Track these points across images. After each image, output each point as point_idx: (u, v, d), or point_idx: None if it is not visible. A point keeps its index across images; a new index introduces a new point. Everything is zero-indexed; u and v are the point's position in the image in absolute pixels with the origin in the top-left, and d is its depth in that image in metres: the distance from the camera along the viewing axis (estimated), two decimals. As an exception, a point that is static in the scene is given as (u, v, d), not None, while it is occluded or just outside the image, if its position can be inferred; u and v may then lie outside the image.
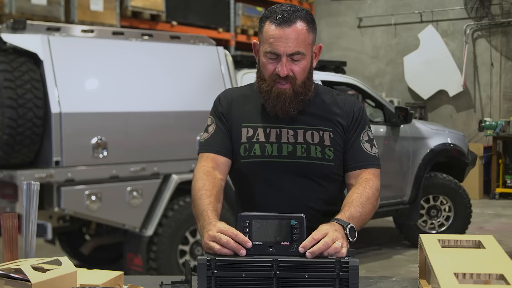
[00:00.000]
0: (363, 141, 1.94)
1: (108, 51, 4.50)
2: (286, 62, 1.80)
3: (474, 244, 1.58)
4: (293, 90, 1.84)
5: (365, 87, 5.98)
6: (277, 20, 1.80)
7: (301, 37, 1.80)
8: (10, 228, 1.58)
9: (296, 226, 1.57)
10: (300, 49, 1.80)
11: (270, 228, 1.58)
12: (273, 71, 1.83)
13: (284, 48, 1.79)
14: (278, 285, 1.53)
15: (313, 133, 1.90)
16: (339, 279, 1.52)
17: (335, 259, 1.53)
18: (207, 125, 1.98)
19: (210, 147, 1.93)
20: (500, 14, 10.20)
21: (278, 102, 1.84)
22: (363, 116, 1.97)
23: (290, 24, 1.79)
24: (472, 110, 10.45)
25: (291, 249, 1.56)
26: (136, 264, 4.61)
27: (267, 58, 1.83)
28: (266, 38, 1.82)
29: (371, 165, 1.93)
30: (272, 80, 1.84)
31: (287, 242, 1.57)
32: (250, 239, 1.56)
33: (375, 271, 5.49)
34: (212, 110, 2.00)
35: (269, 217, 1.60)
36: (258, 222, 1.59)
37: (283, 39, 1.79)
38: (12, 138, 3.98)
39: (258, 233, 1.58)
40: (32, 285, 1.32)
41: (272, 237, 1.57)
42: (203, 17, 8.65)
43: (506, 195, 9.56)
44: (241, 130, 1.92)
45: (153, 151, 4.52)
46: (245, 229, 1.57)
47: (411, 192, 6.00)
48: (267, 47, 1.82)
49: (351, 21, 11.50)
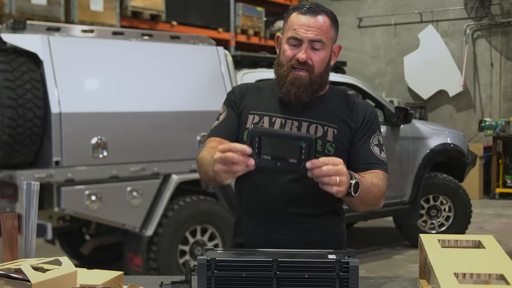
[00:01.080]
0: (373, 145, 1.94)
1: (108, 51, 4.50)
2: (307, 48, 1.85)
3: (474, 244, 1.58)
4: (309, 78, 1.87)
5: (365, 87, 5.98)
6: (304, 10, 1.88)
7: (324, 28, 1.87)
8: (10, 228, 1.58)
9: (305, 147, 1.57)
10: (321, 38, 1.86)
11: (279, 145, 1.58)
12: (292, 57, 1.87)
13: (306, 33, 1.85)
14: (278, 285, 1.53)
15: (317, 127, 1.91)
16: (339, 279, 1.52)
17: (335, 259, 1.53)
18: (219, 114, 2.03)
19: (218, 132, 1.97)
20: (500, 14, 10.20)
21: (292, 87, 1.87)
22: (374, 120, 1.97)
23: (315, 14, 1.87)
24: (472, 110, 10.45)
25: (299, 167, 1.57)
26: (136, 264, 4.61)
27: (288, 44, 1.88)
28: (290, 25, 1.89)
29: (380, 167, 1.92)
30: (290, 66, 1.88)
31: (294, 160, 1.57)
32: (259, 154, 1.57)
33: (375, 271, 5.49)
34: (225, 100, 2.05)
35: (279, 134, 1.60)
36: (268, 138, 1.58)
37: (306, 25, 1.86)
38: (12, 138, 3.98)
39: (267, 148, 1.58)
40: (32, 285, 1.32)
41: (281, 153, 1.58)
42: (203, 17, 8.64)
43: (506, 195, 9.56)
44: (247, 117, 1.95)
45: (153, 151, 4.52)
46: (254, 143, 1.58)
47: (411, 192, 6.00)
48: (290, 33, 1.88)
49: (351, 21, 11.50)
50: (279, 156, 1.58)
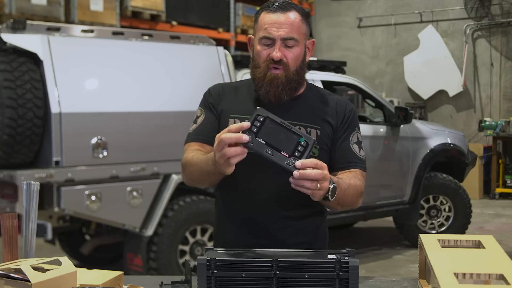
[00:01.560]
0: (353, 143, 1.93)
1: (108, 51, 4.50)
2: (280, 46, 1.84)
3: (474, 244, 1.58)
4: (285, 76, 1.85)
5: (365, 87, 5.98)
6: (273, 8, 1.86)
7: (295, 24, 1.85)
8: (10, 228, 1.58)
9: (302, 144, 1.57)
10: (293, 35, 1.84)
11: (278, 134, 1.57)
12: (267, 57, 1.85)
13: (278, 32, 1.83)
14: (278, 285, 1.53)
15: (300, 129, 1.86)
16: (339, 279, 1.52)
17: (335, 259, 1.53)
18: (196, 116, 1.99)
19: (198, 136, 1.94)
20: (500, 14, 10.20)
21: (271, 88, 1.85)
22: (354, 117, 1.96)
23: (284, 11, 1.85)
24: (472, 110, 10.45)
25: (287, 162, 1.55)
26: (136, 264, 4.61)
27: (261, 44, 1.87)
28: (261, 25, 1.87)
29: (359, 166, 1.91)
30: (266, 66, 1.86)
31: (287, 154, 1.56)
32: (256, 135, 1.56)
33: (375, 271, 5.49)
34: (202, 101, 2.02)
35: (283, 124, 1.59)
36: (272, 123, 1.58)
37: (277, 24, 1.84)
38: (12, 138, 3.98)
39: (266, 132, 1.57)
40: (32, 285, 1.32)
41: (276, 142, 1.57)
42: (203, 17, 8.65)
43: (506, 195, 9.56)
44: (228, 121, 1.91)
45: (153, 151, 4.52)
46: (256, 122, 1.57)
47: (411, 192, 6.00)
48: (261, 33, 1.86)
49: (351, 21, 11.50)
50: (274, 145, 1.56)
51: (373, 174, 5.74)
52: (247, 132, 1.56)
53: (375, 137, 5.77)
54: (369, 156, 5.70)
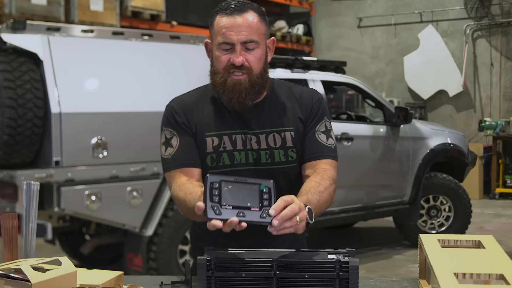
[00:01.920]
0: (319, 132, 1.88)
1: (108, 51, 4.50)
2: (241, 50, 1.77)
3: (474, 244, 1.58)
4: (249, 80, 1.78)
5: (365, 87, 5.98)
6: (228, 10, 1.79)
7: (254, 26, 1.78)
8: (10, 228, 1.58)
9: (265, 191, 1.53)
10: (253, 37, 1.77)
11: (239, 192, 1.51)
12: (227, 62, 1.78)
13: (237, 36, 1.76)
14: (278, 285, 1.53)
15: (275, 136, 1.85)
16: (339, 279, 1.52)
17: (335, 259, 1.53)
18: (167, 139, 1.90)
19: (180, 161, 1.85)
20: (500, 14, 10.20)
21: (234, 94, 1.79)
22: (320, 106, 1.91)
23: (241, 13, 1.78)
24: (472, 110, 10.45)
25: (262, 215, 1.50)
26: (136, 264, 4.61)
27: (220, 50, 1.80)
28: (218, 30, 1.80)
29: (327, 156, 1.87)
30: (226, 72, 1.79)
31: (257, 208, 1.51)
32: (219, 203, 1.48)
33: (375, 271, 5.49)
34: (168, 121, 1.92)
35: (238, 180, 1.53)
36: (228, 184, 1.51)
37: (235, 27, 1.76)
38: (12, 138, 3.98)
39: (228, 196, 1.50)
40: (32, 285, 1.32)
41: (242, 201, 1.51)
42: (203, 17, 8.62)
43: (506, 195, 9.56)
44: (205, 141, 1.85)
45: (153, 151, 4.51)
46: (214, 191, 1.49)
47: (411, 192, 6.00)
48: (219, 39, 1.79)
49: (351, 21, 11.50)
50: (241, 205, 1.50)
51: (373, 174, 5.75)
52: (211, 205, 1.47)
53: (375, 137, 5.77)
54: (369, 156, 5.71)
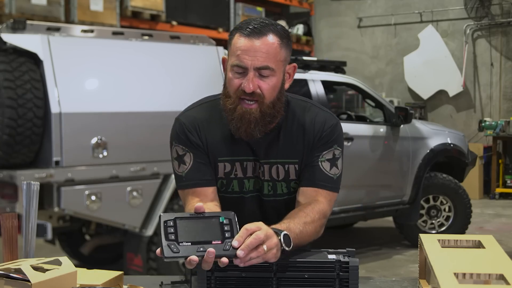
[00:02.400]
0: (324, 159, 1.76)
1: (108, 51, 4.50)
2: (253, 77, 1.64)
3: (474, 244, 1.58)
4: (260, 110, 1.67)
5: (365, 87, 5.98)
6: (247, 31, 1.65)
7: (272, 51, 1.65)
8: (10, 228, 1.58)
9: (226, 223, 1.44)
10: (269, 64, 1.64)
11: (198, 227, 1.43)
12: (238, 87, 1.66)
13: (251, 61, 1.63)
14: (278, 285, 1.53)
15: (278, 168, 1.77)
16: (339, 279, 1.52)
17: (335, 259, 1.53)
18: (179, 155, 1.79)
19: (194, 181, 1.78)
20: (500, 14, 10.20)
21: (242, 124, 1.68)
22: (332, 134, 1.77)
23: (260, 36, 1.64)
24: (472, 110, 10.45)
25: (225, 248, 1.40)
26: (136, 264, 4.61)
27: (233, 72, 1.67)
28: (234, 50, 1.67)
29: (325, 187, 1.75)
30: (237, 97, 1.67)
31: (218, 241, 1.41)
32: (176, 240, 1.39)
33: (375, 271, 5.49)
34: (179, 137, 1.80)
35: (195, 216, 1.45)
36: (184, 221, 1.43)
37: (250, 51, 1.64)
38: (12, 138, 3.98)
39: (185, 233, 1.41)
40: (32, 285, 1.32)
41: (201, 236, 1.41)
42: (203, 17, 8.64)
43: (506, 195, 9.56)
44: (217, 165, 1.78)
45: (153, 151, 4.52)
46: (169, 229, 1.41)
47: (411, 192, 6.00)
48: (233, 60, 1.66)
49: (351, 21, 11.50)
50: (200, 240, 1.40)
51: (373, 174, 5.76)
52: (167, 243, 1.40)
53: (375, 137, 5.77)
54: (369, 156, 5.71)
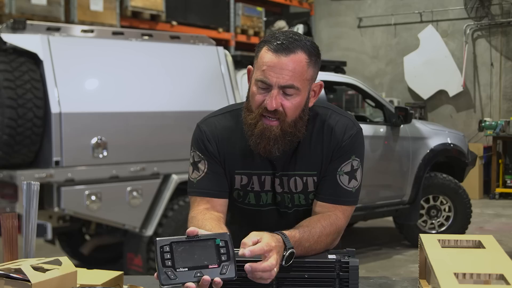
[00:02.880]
0: (342, 172, 1.73)
1: (108, 51, 4.50)
2: (277, 94, 1.61)
3: (474, 244, 1.58)
4: (281, 128, 1.64)
5: (365, 87, 5.98)
6: (275, 46, 1.61)
7: (298, 69, 1.61)
8: (10, 228, 1.58)
9: (222, 245, 1.42)
10: (294, 83, 1.61)
11: (193, 251, 1.41)
12: (261, 103, 1.63)
13: (276, 78, 1.60)
14: (278, 285, 1.53)
15: (296, 180, 1.76)
16: (339, 279, 1.52)
17: (335, 259, 1.53)
18: (195, 161, 1.78)
19: (203, 190, 1.76)
20: (500, 14, 10.20)
21: (261, 140, 1.65)
22: (351, 144, 1.74)
23: (288, 53, 1.60)
24: (472, 110, 10.45)
25: (222, 272, 1.39)
26: (136, 264, 4.61)
27: (257, 87, 1.64)
28: (260, 64, 1.63)
29: (343, 202, 1.74)
30: (259, 113, 1.64)
31: (215, 265, 1.39)
32: (173, 266, 1.37)
33: (375, 271, 5.48)
34: (198, 143, 1.78)
35: (190, 239, 1.43)
36: (180, 246, 1.41)
37: (277, 68, 1.60)
38: (12, 138, 3.98)
39: (181, 258, 1.39)
40: (32, 285, 1.32)
41: (198, 260, 1.39)
42: (203, 17, 8.64)
43: (506, 195, 9.56)
44: (234, 177, 1.78)
45: (153, 151, 4.52)
46: (166, 254, 1.38)
47: (411, 192, 6.00)
48: (258, 75, 1.63)
49: (351, 21, 11.50)
50: (197, 265, 1.38)
51: (373, 174, 5.75)
52: (164, 270, 1.36)
53: (375, 137, 5.77)
54: (369, 156, 5.70)
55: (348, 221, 1.78)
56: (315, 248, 1.62)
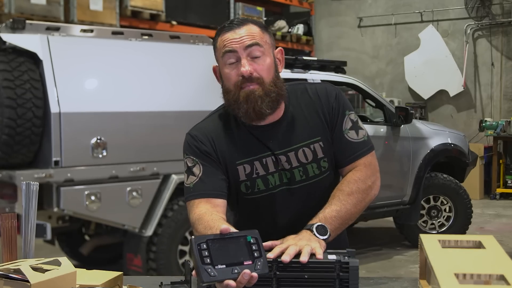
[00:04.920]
0: (347, 131, 1.82)
1: (108, 51, 4.50)
2: (247, 61, 1.70)
3: (474, 245, 1.57)
4: (262, 89, 1.71)
5: (366, 87, 5.98)
6: (227, 26, 1.75)
7: (256, 33, 1.73)
8: (9, 228, 1.58)
9: (253, 242, 1.46)
10: (257, 41, 1.71)
11: (228, 248, 1.44)
12: (237, 77, 1.71)
13: (239, 44, 1.70)
14: (278, 285, 1.53)
15: (305, 151, 1.80)
16: (339, 279, 1.51)
17: (335, 259, 1.53)
18: (188, 167, 1.83)
19: (201, 192, 1.77)
20: (501, 14, 10.20)
21: (249, 105, 1.71)
22: (340, 102, 1.83)
23: (241, 25, 1.73)
24: (472, 110, 10.45)
25: (256, 267, 1.43)
26: (135, 265, 4.60)
27: (227, 66, 1.73)
28: (221, 46, 1.74)
29: (361, 155, 1.82)
30: (238, 88, 1.72)
31: (249, 261, 1.43)
32: (212, 263, 1.39)
33: (375, 272, 5.48)
34: (190, 148, 1.85)
35: (224, 236, 1.45)
36: (215, 243, 1.43)
37: (236, 37, 1.71)
38: (11, 138, 3.98)
39: (218, 255, 1.41)
40: (31, 286, 1.32)
41: (233, 257, 1.43)
42: (203, 17, 8.64)
43: (506, 195, 9.56)
44: (237, 169, 1.80)
45: (153, 151, 4.52)
46: (204, 252, 1.40)
47: (412, 192, 6.00)
48: (222, 51, 1.73)
49: (351, 21, 11.50)
50: (233, 261, 1.42)
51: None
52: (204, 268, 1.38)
53: (376, 137, 5.76)
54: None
55: (376, 164, 1.85)
56: (347, 209, 1.72)
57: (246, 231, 1.48)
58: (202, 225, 1.66)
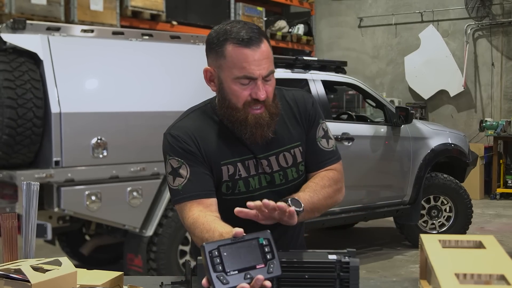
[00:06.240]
0: (320, 138, 1.88)
1: (108, 51, 4.50)
2: (263, 84, 1.70)
3: (474, 245, 1.58)
4: (268, 113, 1.74)
5: (366, 87, 5.98)
6: (243, 42, 1.68)
7: (270, 56, 1.72)
8: (10, 229, 1.58)
9: (265, 244, 1.44)
10: (272, 69, 1.73)
11: (240, 252, 1.41)
12: (248, 97, 1.71)
13: (259, 70, 1.68)
14: (278, 285, 1.53)
15: (285, 155, 1.83)
16: (339, 279, 1.52)
17: (335, 259, 1.53)
18: (174, 168, 1.78)
19: (192, 193, 1.74)
20: (501, 14, 10.19)
21: (257, 130, 1.73)
22: (316, 110, 1.89)
23: (258, 44, 1.69)
24: (473, 110, 10.44)
25: (269, 271, 1.42)
26: (136, 265, 4.60)
27: (239, 84, 1.70)
28: (234, 62, 1.69)
29: (330, 163, 1.88)
30: (247, 107, 1.72)
31: (262, 264, 1.41)
32: (224, 270, 1.37)
33: (375, 272, 5.48)
34: (173, 149, 1.81)
35: (236, 240, 1.42)
36: (227, 248, 1.40)
37: (256, 61, 1.68)
38: (12, 138, 3.98)
39: (230, 261, 1.39)
40: (32, 286, 1.32)
41: (246, 262, 1.40)
42: (203, 17, 8.64)
43: (507, 195, 9.55)
44: (221, 169, 1.79)
45: (153, 151, 4.51)
46: (215, 259, 1.38)
47: (412, 192, 6.00)
48: (237, 73, 1.69)
49: (351, 21, 11.50)
50: (246, 266, 1.39)
51: (373, 174, 5.75)
52: (216, 275, 1.36)
53: (376, 137, 5.77)
54: (370, 156, 5.70)
55: (342, 174, 1.90)
56: (318, 199, 1.77)
57: (258, 233, 1.46)
58: (198, 229, 1.65)
